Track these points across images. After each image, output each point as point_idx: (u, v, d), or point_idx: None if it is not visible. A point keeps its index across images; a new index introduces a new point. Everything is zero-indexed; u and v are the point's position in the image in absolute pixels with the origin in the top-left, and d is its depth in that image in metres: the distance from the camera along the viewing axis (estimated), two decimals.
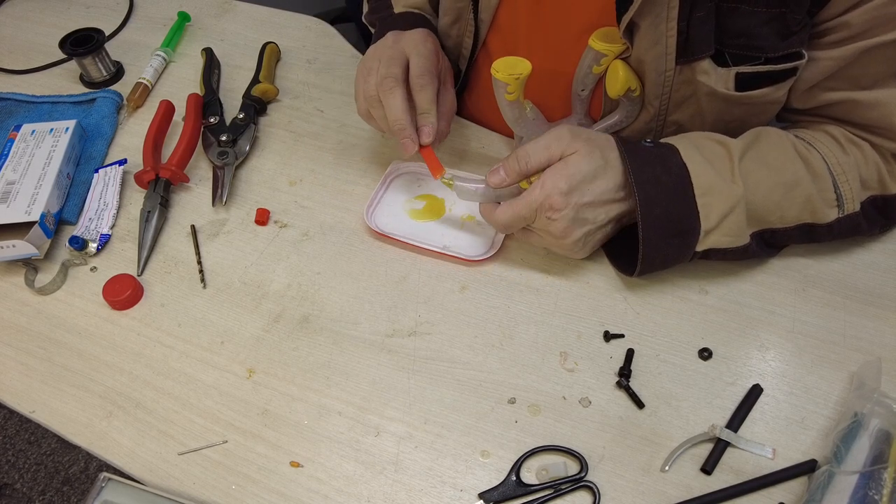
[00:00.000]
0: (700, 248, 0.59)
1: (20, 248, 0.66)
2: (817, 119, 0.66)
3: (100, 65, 0.87)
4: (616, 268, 0.66)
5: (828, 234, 0.62)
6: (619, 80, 0.63)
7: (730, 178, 0.59)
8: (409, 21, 0.75)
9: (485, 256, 0.67)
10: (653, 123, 0.67)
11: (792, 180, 0.60)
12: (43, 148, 0.75)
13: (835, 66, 0.60)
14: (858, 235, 0.65)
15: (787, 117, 0.69)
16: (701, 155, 0.59)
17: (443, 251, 0.67)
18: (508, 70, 0.64)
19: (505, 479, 0.54)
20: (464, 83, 0.82)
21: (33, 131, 0.77)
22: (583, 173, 0.57)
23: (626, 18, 0.59)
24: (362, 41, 1.30)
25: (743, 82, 0.61)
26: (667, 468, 0.54)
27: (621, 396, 0.58)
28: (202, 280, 0.68)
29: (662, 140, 0.62)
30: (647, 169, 0.58)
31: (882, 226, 0.65)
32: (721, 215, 0.58)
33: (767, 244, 0.63)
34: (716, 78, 0.60)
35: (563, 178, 0.57)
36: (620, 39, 0.61)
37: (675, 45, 0.59)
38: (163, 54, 0.90)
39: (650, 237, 0.58)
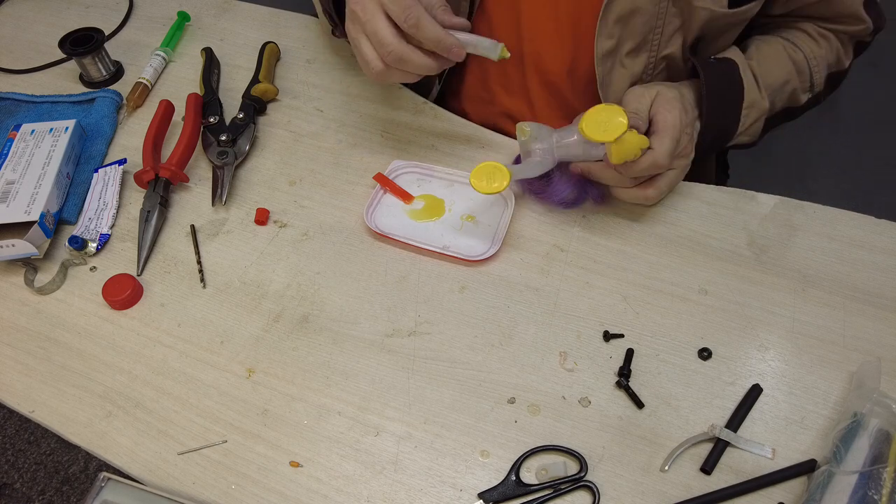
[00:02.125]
0: (726, 146, 0.73)
1: (20, 247, 0.66)
2: (790, 19, 0.76)
3: (99, 64, 0.87)
4: None
5: (798, 112, 0.78)
6: (631, 147, 0.62)
7: (760, 94, 0.71)
8: None
9: (484, 256, 0.67)
10: (648, 63, 0.72)
11: (785, 80, 0.73)
12: (42, 147, 0.75)
13: None
14: (813, 107, 0.79)
15: (765, 22, 0.78)
16: (747, 73, 0.71)
17: (443, 251, 0.67)
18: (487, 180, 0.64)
19: (504, 479, 0.54)
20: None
21: (33, 131, 0.77)
22: (678, 97, 0.66)
23: None
24: None
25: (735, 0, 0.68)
26: (666, 468, 0.54)
27: (621, 396, 0.58)
28: (202, 280, 0.68)
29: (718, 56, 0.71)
30: (717, 88, 0.68)
31: (827, 95, 0.79)
32: (751, 123, 0.72)
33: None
34: (711, 1, 0.67)
35: (674, 101, 0.65)
36: (617, 120, 0.61)
37: None
38: (162, 54, 0.90)
39: (702, 146, 0.69)
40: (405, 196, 0.73)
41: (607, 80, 0.72)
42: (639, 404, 0.57)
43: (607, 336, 0.62)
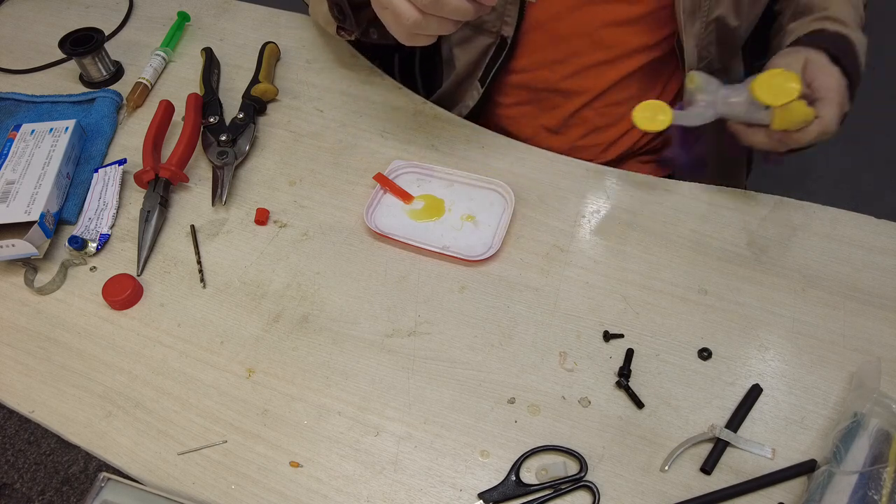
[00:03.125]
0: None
1: (19, 247, 0.66)
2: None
3: (99, 64, 0.87)
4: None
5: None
6: (796, 115, 0.63)
7: (861, 36, 0.72)
8: None
9: (484, 256, 0.67)
10: (702, 26, 0.74)
11: (858, 11, 0.74)
12: (42, 148, 0.75)
13: None
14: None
15: None
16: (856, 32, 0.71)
17: (442, 251, 0.67)
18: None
19: (504, 479, 0.54)
20: (509, 52, 0.81)
21: (33, 131, 0.77)
22: (829, 62, 0.65)
23: None
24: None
25: None
26: (666, 468, 0.54)
27: (621, 396, 0.58)
28: (202, 280, 0.68)
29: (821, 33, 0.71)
30: (845, 56, 0.68)
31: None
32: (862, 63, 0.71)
33: None
34: None
35: (827, 65, 0.64)
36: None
37: None
38: (162, 54, 0.90)
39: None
40: (405, 196, 0.73)
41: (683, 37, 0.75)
42: (639, 404, 0.57)
43: (607, 336, 0.62)
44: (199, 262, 0.69)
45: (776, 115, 0.62)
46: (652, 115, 0.66)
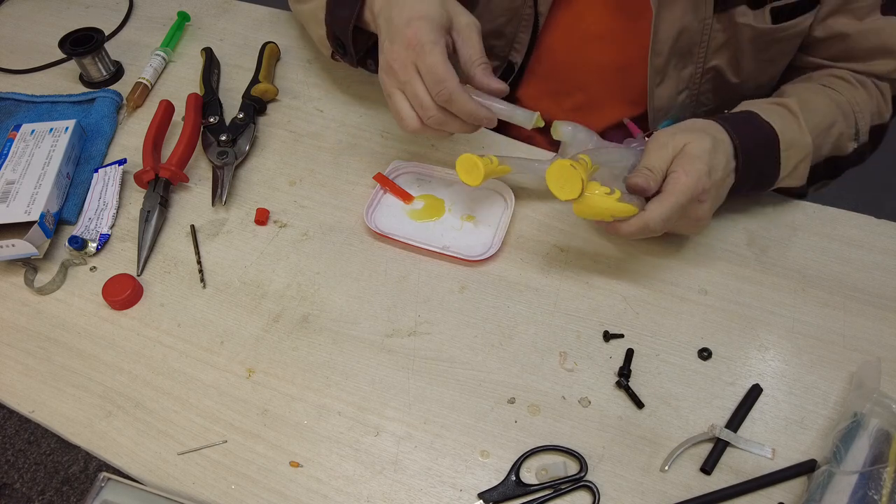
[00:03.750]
0: (768, 190, 0.67)
1: (19, 247, 0.66)
2: (826, 64, 0.73)
3: (99, 64, 0.87)
4: None
5: (844, 164, 0.72)
6: (595, 210, 0.58)
7: (801, 132, 0.65)
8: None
9: (484, 256, 0.67)
10: (696, 71, 0.73)
11: (830, 122, 0.68)
12: (42, 148, 0.75)
13: None
14: (858, 164, 0.73)
15: (803, 63, 0.75)
16: (776, 115, 0.65)
17: (442, 251, 0.67)
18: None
19: (504, 479, 0.54)
20: (517, 77, 0.82)
21: (33, 131, 0.77)
22: (707, 152, 0.60)
23: None
24: None
25: (777, 16, 0.68)
26: (666, 468, 0.54)
27: (621, 396, 0.58)
28: (202, 280, 0.68)
29: (729, 112, 0.67)
30: (748, 135, 0.63)
31: (871, 151, 0.74)
32: (794, 165, 0.65)
33: None
34: (753, 17, 0.68)
35: (698, 161, 0.59)
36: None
37: None
38: (162, 54, 0.90)
39: (739, 191, 0.64)
40: (405, 196, 0.73)
41: (656, 93, 0.75)
42: (639, 404, 0.57)
43: (607, 336, 0.62)
44: (199, 262, 0.69)
45: (573, 205, 0.58)
46: (469, 168, 0.64)
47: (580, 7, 0.75)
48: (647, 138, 0.66)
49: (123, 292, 0.65)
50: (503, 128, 0.74)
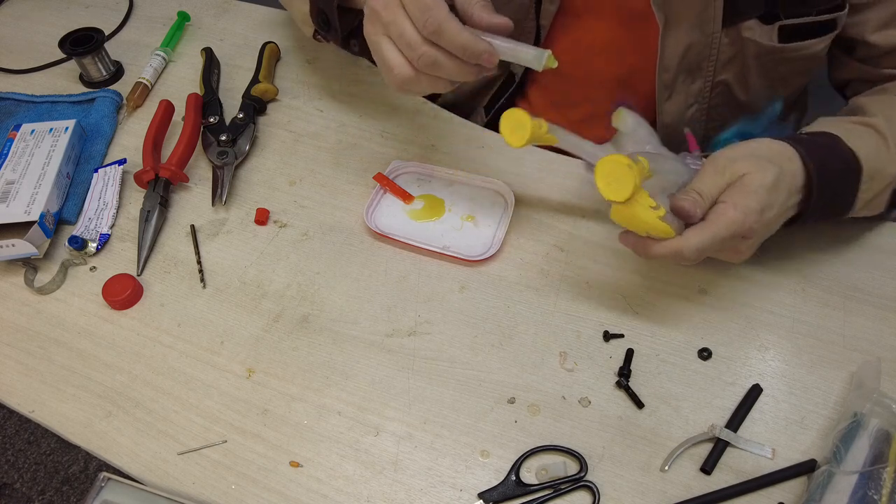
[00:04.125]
0: (841, 219, 0.61)
1: (19, 247, 0.66)
2: (881, 78, 0.68)
3: (99, 64, 0.87)
4: None
5: None
6: (636, 222, 0.54)
7: (889, 158, 0.59)
8: None
9: (484, 256, 0.67)
10: (706, 86, 0.72)
11: None
12: (42, 147, 0.75)
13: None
14: None
15: (873, 77, 0.70)
16: (860, 139, 0.59)
17: (442, 251, 0.67)
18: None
19: (504, 479, 0.54)
20: (517, 89, 0.82)
21: (33, 131, 0.77)
22: (766, 189, 0.54)
23: None
24: None
25: (786, 35, 0.66)
26: (666, 468, 0.54)
27: (621, 396, 0.58)
28: (202, 280, 0.68)
29: (809, 130, 0.61)
30: (825, 165, 0.56)
31: None
32: (873, 196, 0.60)
33: None
34: (760, 33, 0.67)
35: (752, 197, 0.53)
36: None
37: (721, 8, 0.66)
38: (162, 54, 0.90)
39: (805, 222, 0.59)
40: (405, 196, 0.73)
41: (664, 107, 0.75)
42: (639, 404, 0.57)
43: (607, 336, 0.62)
44: (199, 262, 0.69)
45: (612, 206, 0.53)
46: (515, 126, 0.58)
47: (584, 20, 0.75)
48: (704, 158, 0.60)
49: (123, 292, 0.65)
50: None
